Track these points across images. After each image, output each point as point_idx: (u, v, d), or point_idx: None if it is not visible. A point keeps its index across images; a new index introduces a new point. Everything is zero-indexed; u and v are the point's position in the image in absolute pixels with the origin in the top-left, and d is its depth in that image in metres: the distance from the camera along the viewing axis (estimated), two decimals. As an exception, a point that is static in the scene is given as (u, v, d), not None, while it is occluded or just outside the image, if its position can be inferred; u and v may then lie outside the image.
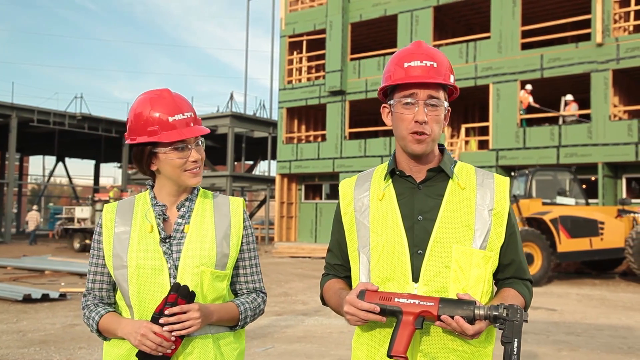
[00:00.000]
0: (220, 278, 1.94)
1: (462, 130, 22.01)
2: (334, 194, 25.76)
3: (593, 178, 18.76)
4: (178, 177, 1.92)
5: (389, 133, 24.92)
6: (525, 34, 21.11)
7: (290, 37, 26.57)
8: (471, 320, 1.57)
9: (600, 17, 18.78)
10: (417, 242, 1.73)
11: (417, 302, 1.61)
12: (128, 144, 1.94)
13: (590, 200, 15.30)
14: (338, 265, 1.94)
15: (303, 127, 27.38)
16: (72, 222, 23.64)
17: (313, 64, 26.45)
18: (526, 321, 1.55)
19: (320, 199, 26.52)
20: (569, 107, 19.68)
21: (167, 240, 1.92)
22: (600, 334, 7.46)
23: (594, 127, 18.70)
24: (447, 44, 23.14)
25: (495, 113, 20.54)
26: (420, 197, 1.78)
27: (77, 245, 22.54)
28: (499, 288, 1.84)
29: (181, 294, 1.80)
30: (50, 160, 58.92)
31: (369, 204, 1.82)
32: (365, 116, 28.06)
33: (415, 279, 1.71)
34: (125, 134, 1.97)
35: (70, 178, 43.91)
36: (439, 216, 1.74)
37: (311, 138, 27.36)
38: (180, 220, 1.95)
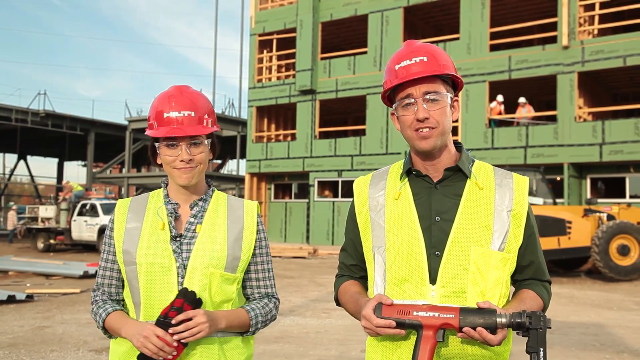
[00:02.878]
0: (229, 281, 1.90)
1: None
2: (303, 193, 25.72)
3: (559, 178, 19.14)
4: (170, 174, 1.90)
5: (358, 133, 25.02)
6: (493, 36, 21.42)
7: (260, 35, 26.43)
8: (493, 330, 1.53)
9: (566, 21, 19.16)
10: (434, 243, 1.70)
11: (437, 314, 1.56)
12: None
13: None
14: (353, 265, 1.90)
15: (273, 126, 27.26)
16: (35, 222, 23.04)
17: (283, 62, 26.37)
18: (550, 327, 1.52)
19: (290, 198, 26.45)
20: (519, 109, 20.13)
21: (178, 239, 1.88)
22: (572, 332, 7.58)
23: (559, 128, 19.08)
24: (416, 45, 23.31)
25: (465, 113, 20.79)
26: (437, 197, 1.74)
27: (40, 245, 21.99)
28: (517, 289, 1.81)
29: (188, 300, 1.76)
30: (11, 158, 57.47)
31: (385, 203, 1.79)
32: (336, 116, 28.11)
33: (433, 280, 1.68)
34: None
35: (32, 176, 42.91)
36: (456, 217, 1.71)
37: (281, 137, 27.27)
38: (192, 220, 1.92)
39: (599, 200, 16.00)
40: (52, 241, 21.88)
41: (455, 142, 1.83)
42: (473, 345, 1.66)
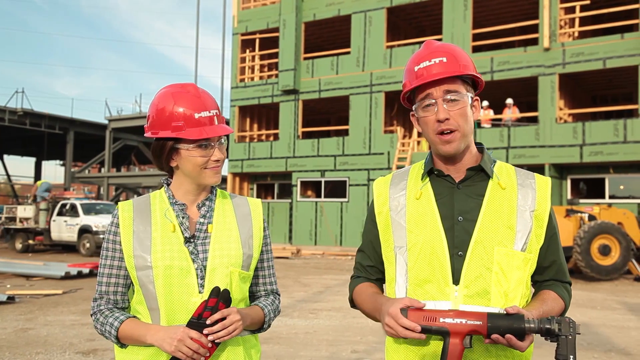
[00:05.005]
0: (245, 279, 1.89)
1: (415, 131, 22.28)
2: (285, 193, 25.65)
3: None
4: (198, 175, 1.84)
5: (341, 133, 25.03)
6: (475, 37, 21.58)
7: (242, 35, 26.31)
8: (521, 336, 1.51)
9: (547, 23, 19.37)
10: (457, 243, 1.68)
11: (464, 321, 1.54)
12: (152, 138, 1.86)
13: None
14: (370, 266, 1.88)
15: (255, 126, 27.16)
16: (13, 222, 22.66)
17: (266, 62, 26.28)
18: (579, 334, 1.51)
19: (273, 198, 26.36)
20: (505, 110, 20.33)
21: (192, 241, 1.84)
22: (559, 331, 7.65)
23: (541, 129, 19.28)
24: (399, 45, 23.41)
25: (447, 114, 20.89)
26: (460, 197, 1.73)
27: (19, 245, 21.65)
28: (537, 290, 1.80)
29: (222, 298, 1.73)
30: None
31: (406, 203, 1.77)
32: (318, 116, 28.10)
33: (456, 281, 1.66)
34: (146, 126, 1.88)
35: (9, 176, 42.23)
36: (479, 217, 1.69)
37: (263, 137, 27.18)
38: (202, 220, 1.87)
39: (580, 200, 16.17)
40: (30, 242, 21.53)
41: (477, 143, 1.81)
42: (498, 349, 1.64)
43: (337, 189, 23.62)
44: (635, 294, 11.31)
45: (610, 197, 18.92)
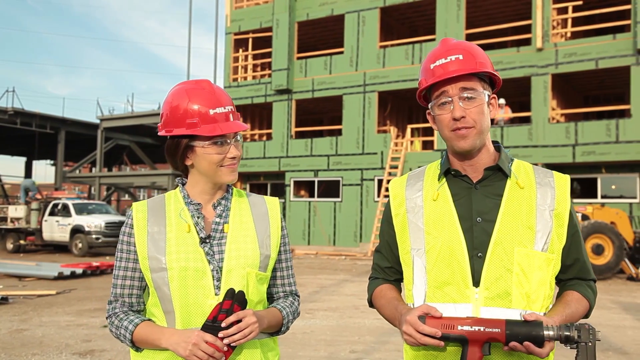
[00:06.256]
0: (262, 280, 1.85)
1: (408, 131, 22.32)
2: (278, 193, 25.61)
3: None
4: (214, 173, 1.80)
5: (334, 133, 25.01)
6: (469, 37, 21.59)
7: (235, 34, 26.24)
8: (541, 343, 1.50)
9: (540, 23, 19.44)
10: (476, 244, 1.66)
11: (482, 329, 1.52)
12: (165, 137, 1.82)
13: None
14: (388, 268, 1.86)
15: (248, 126, 26.97)
16: (4, 222, 22.48)
17: (259, 62, 26.21)
18: (599, 340, 1.49)
19: (265, 198, 26.27)
20: (498, 110, 20.40)
21: (207, 241, 1.79)
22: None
23: (534, 129, 19.35)
24: (392, 45, 23.42)
25: (440, 114, 20.93)
26: (478, 197, 1.70)
27: (10, 245, 21.50)
28: (561, 290, 1.77)
29: (237, 301, 1.68)
30: (-23, 156, 56.02)
31: (423, 205, 1.75)
32: (312, 115, 28.07)
33: (476, 283, 1.64)
34: (159, 125, 1.85)
35: (-1, 175, 41.84)
36: (498, 217, 1.67)
37: (257, 137, 27.13)
38: (218, 220, 1.83)
39: (574, 200, 16.25)
40: (22, 242, 21.39)
41: (494, 142, 1.80)
42: (517, 355, 1.62)
43: (330, 189, 23.60)
44: (628, 293, 11.37)
45: (603, 196, 19.01)
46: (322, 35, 26.14)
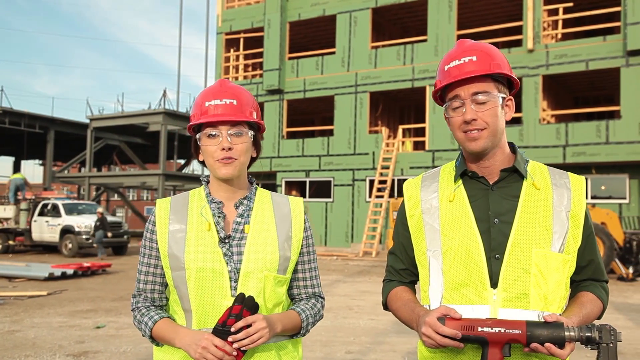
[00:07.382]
0: (281, 283, 1.83)
1: (399, 131, 22.36)
2: (270, 193, 25.57)
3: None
4: (212, 167, 1.80)
5: (326, 133, 25.01)
6: (460, 38, 21.67)
7: (227, 34, 26.18)
8: (561, 345, 1.49)
9: (531, 25, 19.55)
10: (494, 246, 1.65)
11: (503, 330, 1.51)
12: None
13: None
14: (403, 269, 1.85)
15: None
16: (-7, 222, 22.27)
17: (250, 62, 26.17)
18: (620, 341, 1.49)
19: (257, 198, 26.23)
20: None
21: (227, 241, 1.78)
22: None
23: (525, 130, 19.45)
24: (384, 46, 23.46)
25: (432, 115, 20.99)
26: (495, 198, 1.70)
27: (-1, 246, 21.33)
28: (575, 291, 1.77)
29: (247, 306, 1.67)
30: (-36, 156, 55.49)
31: (439, 206, 1.74)
32: (303, 116, 28.05)
33: (494, 284, 1.63)
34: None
35: (-13, 175, 41.47)
36: (516, 218, 1.66)
37: (247, 137, 27.06)
38: (239, 220, 1.82)
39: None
40: (11, 242, 21.21)
41: (509, 143, 1.79)
42: (537, 356, 1.62)
43: (321, 189, 23.60)
44: (619, 294, 11.44)
45: (593, 197, 19.15)
46: (313, 36, 26.15)
